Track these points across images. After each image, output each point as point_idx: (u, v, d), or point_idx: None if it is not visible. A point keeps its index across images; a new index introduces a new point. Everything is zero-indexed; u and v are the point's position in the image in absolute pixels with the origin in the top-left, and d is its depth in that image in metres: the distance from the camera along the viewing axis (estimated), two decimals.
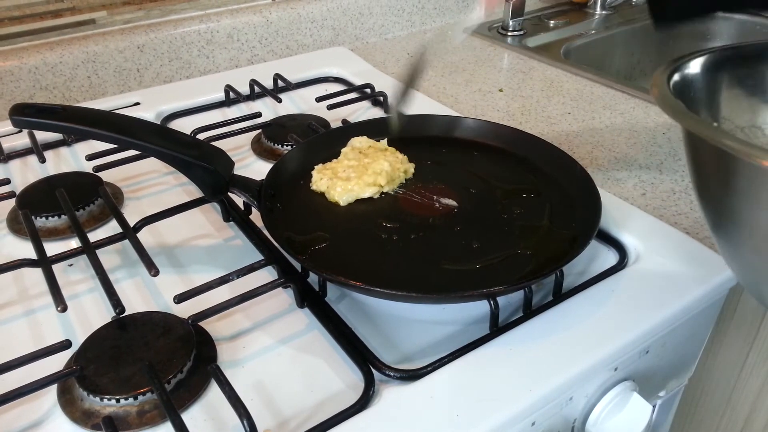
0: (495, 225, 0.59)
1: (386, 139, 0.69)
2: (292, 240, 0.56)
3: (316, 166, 0.65)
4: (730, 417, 0.86)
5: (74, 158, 0.76)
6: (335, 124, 0.79)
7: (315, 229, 0.58)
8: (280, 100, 0.84)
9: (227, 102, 0.88)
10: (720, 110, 0.54)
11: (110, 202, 0.62)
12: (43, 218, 0.62)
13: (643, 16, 1.25)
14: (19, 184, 0.69)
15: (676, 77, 0.50)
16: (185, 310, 0.50)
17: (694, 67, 0.52)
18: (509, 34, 1.14)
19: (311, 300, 0.53)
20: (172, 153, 0.56)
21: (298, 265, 0.55)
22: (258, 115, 0.81)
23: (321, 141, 0.70)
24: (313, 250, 0.55)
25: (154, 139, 0.57)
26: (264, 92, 0.87)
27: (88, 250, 0.55)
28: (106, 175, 0.68)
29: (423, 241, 0.57)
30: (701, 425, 0.87)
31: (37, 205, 0.63)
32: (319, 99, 0.84)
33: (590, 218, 0.57)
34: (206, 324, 0.51)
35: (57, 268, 0.54)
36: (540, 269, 0.53)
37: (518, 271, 0.53)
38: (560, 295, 0.54)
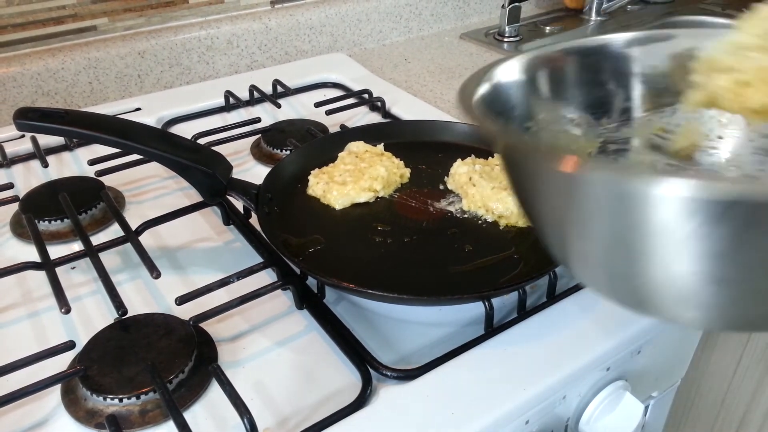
0: (488, 228, 0.60)
1: (383, 144, 0.70)
2: (289, 243, 0.57)
3: (312, 171, 0.66)
4: (725, 417, 0.87)
5: (76, 163, 0.77)
6: (333, 129, 0.80)
7: (311, 232, 0.59)
8: (279, 106, 0.85)
9: (227, 107, 0.89)
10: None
11: (112, 206, 0.63)
12: (46, 222, 0.63)
13: (637, 22, 1.27)
14: (22, 189, 0.70)
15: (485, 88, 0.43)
16: (186, 312, 0.51)
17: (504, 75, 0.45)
18: (505, 40, 1.15)
19: (310, 302, 0.54)
20: (171, 156, 0.57)
21: (297, 268, 0.56)
22: (257, 120, 0.82)
23: (319, 145, 0.71)
24: (309, 252, 0.56)
25: (154, 143, 0.58)
26: (263, 98, 0.88)
27: (91, 253, 0.56)
28: (108, 180, 0.69)
29: (417, 244, 0.58)
30: (696, 425, 0.88)
31: (40, 209, 0.64)
32: (318, 104, 0.85)
33: None
34: (207, 325, 0.52)
35: (60, 271, 0.55)
36: (532, 271, 0.54)
37: (511, 273, 0.54)
38: (554, 296, 0.55)
